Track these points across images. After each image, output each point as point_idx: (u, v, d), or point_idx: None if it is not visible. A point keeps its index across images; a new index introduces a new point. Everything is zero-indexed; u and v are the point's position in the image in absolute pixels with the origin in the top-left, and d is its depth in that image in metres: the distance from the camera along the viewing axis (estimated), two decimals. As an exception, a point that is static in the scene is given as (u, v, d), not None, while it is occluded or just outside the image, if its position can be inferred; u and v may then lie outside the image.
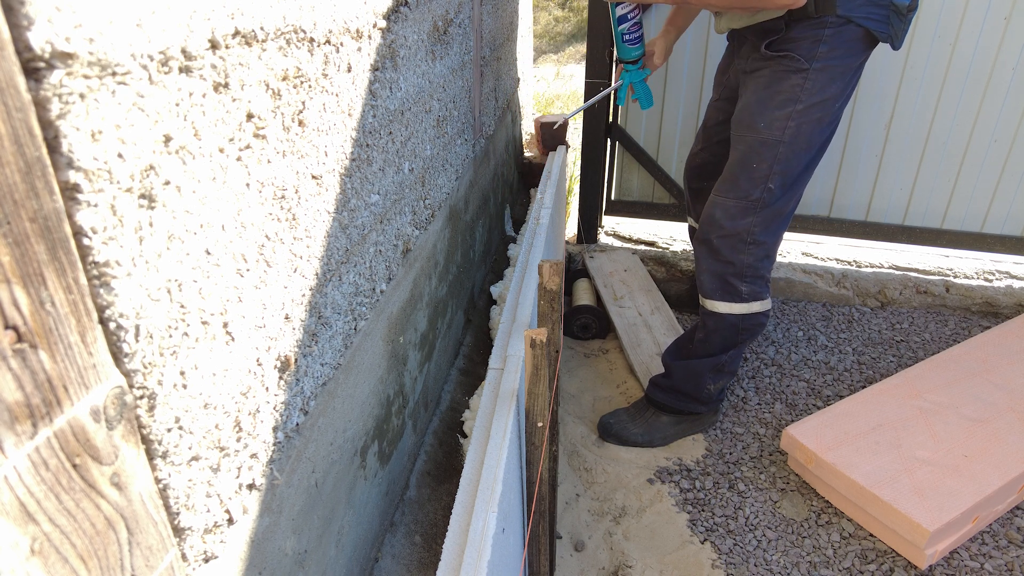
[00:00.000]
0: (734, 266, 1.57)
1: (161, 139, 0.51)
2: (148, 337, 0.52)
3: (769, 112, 1.44)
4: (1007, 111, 2.22)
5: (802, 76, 1.40)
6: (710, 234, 1.57)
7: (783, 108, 1.43)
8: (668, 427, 1.77)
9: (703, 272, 1.62)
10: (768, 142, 1.45)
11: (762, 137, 1.46)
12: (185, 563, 0.61)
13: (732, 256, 1.56)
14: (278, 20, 0.67)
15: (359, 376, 1.01)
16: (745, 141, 1.49)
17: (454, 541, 0.83)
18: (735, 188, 1.51)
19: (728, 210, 1.52)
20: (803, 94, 1.41)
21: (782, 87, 1.43)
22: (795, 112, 1.42)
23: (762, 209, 1.50)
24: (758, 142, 1.46)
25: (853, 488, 1.48)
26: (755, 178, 1.48)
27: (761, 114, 1.45)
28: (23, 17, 0.38)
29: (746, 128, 1.48)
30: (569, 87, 5.44)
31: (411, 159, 1.18)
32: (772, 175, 1.47)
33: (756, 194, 1.49)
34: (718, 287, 1.60)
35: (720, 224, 1.54)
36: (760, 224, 1.52)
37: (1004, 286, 2.34)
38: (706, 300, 1.64)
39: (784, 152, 1.45)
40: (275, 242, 0.71)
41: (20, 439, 0.40)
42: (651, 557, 1.47)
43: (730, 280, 1.58)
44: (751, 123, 1.47)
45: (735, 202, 1.51)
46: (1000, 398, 1.72)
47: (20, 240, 0.39)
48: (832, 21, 1.36)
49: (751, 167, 1.48)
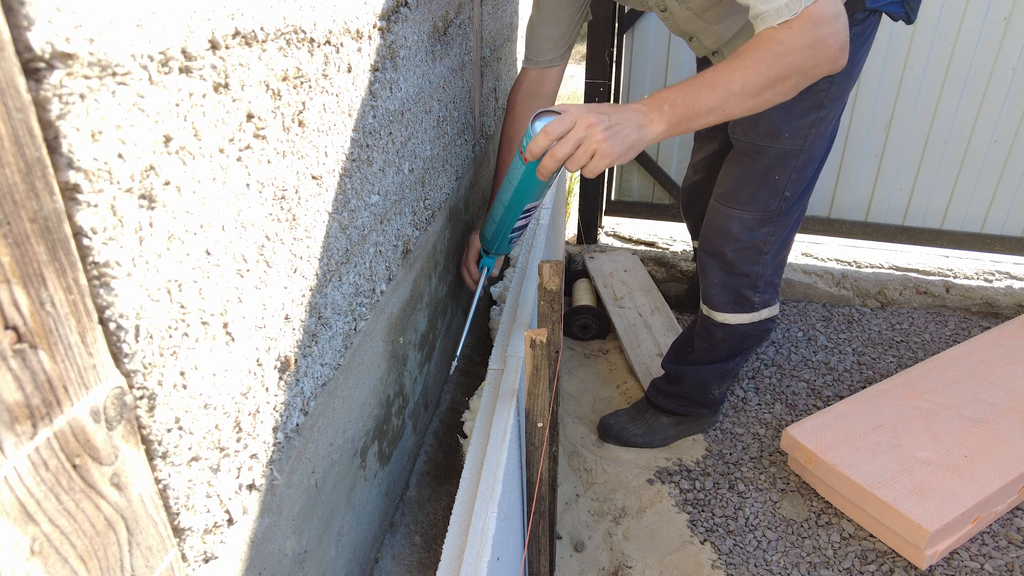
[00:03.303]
0: (749, 278, 1.52)
1: (161, 139, 0.51)
2: (148, 337, 0.52)
3: (793, 121, 1.36)
4: (1007, 111, 2.22)
5: (827, 80, 1.31)
6: (724, 247, 1.50)
7: (806, 116, 1.35)
8: (668, 428, 1.76)
9: (714, 285, 1.56)
10: (791, 152, 1.39)
11: (786, 148, 1.38)
12: (185, 563, 0.61)
13: (748, 268, 1.51)
14: (278, 20, 0.67)
15: (359, 376, 1.01)
16: (767, 153, 1.40)
17: (454, 541, 0.83)
18: (754, 200, 1.45)
19: (746, 223, 1.47)
20: (827, 99, 1.34)
21: (806, 93, 1.29)
22: (818, 119, 1.36)
23: (778, 218, 1.46)
24: (782, 153, 1.39)
25: (853, 488, 1.48)
26: (775, 189, 1.43)
27: (784, 123, 1.36)
28: (23, 17, 0.38)
29: (769, 139, 1.39)
30: (569, 87, 5.44)
31: (411, 159, 1.18)
32: (789, 184, 1.42)
33: (774, 205, 1.44)
34: (730, 300, 1.56)
35: (737, 237, 1.48)
36: (775, 233, 1.48)
37: (1004, 286, 2.34)
38: (715, 312, 1.59)
39: (803, 160, 1.40)
40: (275, 242, 0.71)
41: (20, 439, 0.40)
42: (651, 557, 1.47)
43: (744, 292, 1.54)
44: (775, 133, 1.38)
45: (753, 214, 1.46)
46: (1000, 398, 1.72)
47: (20, 240, 0.39)
48: (859, 17, 1.29)
49: (772, 179, 1.42)
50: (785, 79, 1.01)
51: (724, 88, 1.00)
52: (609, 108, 0.99)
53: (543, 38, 1.46)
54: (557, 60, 1.49)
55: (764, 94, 1.02)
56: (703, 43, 1.45)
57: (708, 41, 1.43)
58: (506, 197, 1.20)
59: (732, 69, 1.00)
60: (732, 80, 1.00)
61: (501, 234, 1.32)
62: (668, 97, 1.01)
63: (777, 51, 0.99)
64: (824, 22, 0.99)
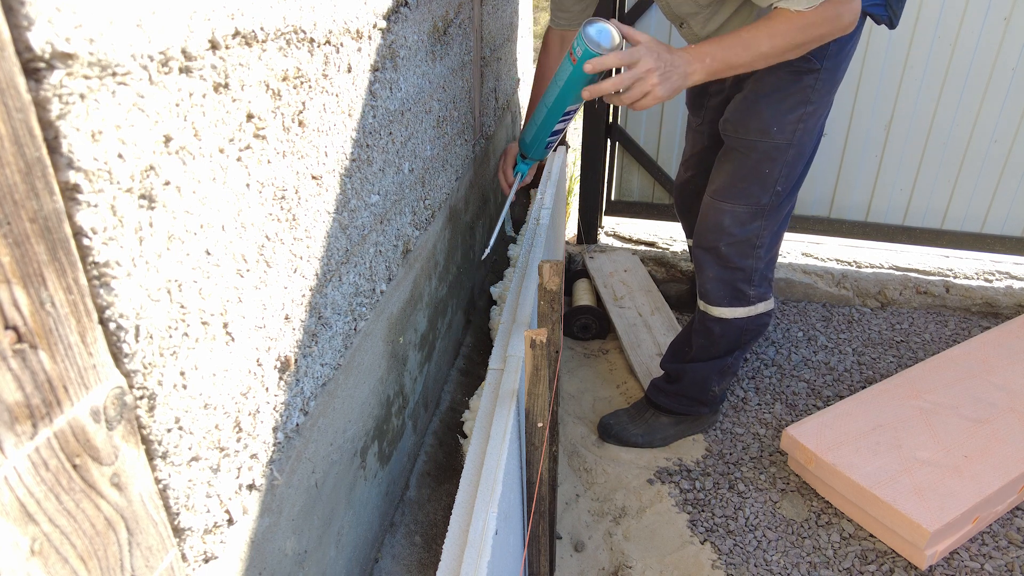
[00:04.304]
0: (744, 271, 1.55)
1: (161, 139, 0.51)
2: (148, 337, 0.52)
3: (781, 116, 1.41)
4: (1007, 111, 2.22)
5: (814, 77, 1.38)
6: (718, 241, 1.54)
7: (794, 111, 1.40)
8: (668, 428, 1.77)
9: (709, 280, 1.59)
10: (780, 147, 1.43)
11: (775, 142, 1.43)
12: (185, 563, 0.61)
13: (742, 262, 1.54)
14: (278, 20, 0.67)
15: (359, 376, 1.01)
16: (757, 148, 1.45)
17: (454, 541, 0.83)
18: (745, 195, 1.49)
19: (738, 217, 1.50)
20: (814, 95, 1.39)
21: (793, 89, 1.40)
22: (805, 114, 1.41)
23: (770, 212, 1.49)
24: (772, 147, 1.44)
25: (853, 488, 1.48)
26: (766, 184, 1.47)
27: (774, 118, 1.42)
28: (23, 17, 0.38)
29: (758, 134, 1.44)
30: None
31: (411, 159, 1.18)
32: (780, 178, 1.46)
33: (766, 199, 1.48)
34: (726, 294, 1.58)
35: (730, 231, 1.51)
36: (768, 227, 1.51)
37: (1004, 286, 2.34)
38: (712, 307, 1.61)
39: (793, 155, 1.44)
40: (275, 242, 0.71)
41: (20, 439, 0.40)
42: (651, 557, 1.47)
43: (739, 286, 1.57)
44: (764, 129, 1.43)
45: (745, 208, 1.49)
46: (1000, 398, 1.72)
47: (20, 240, 0.39)
48: None
49: (763, 173, 1.46)
50: (804, 45, 1.21)
51: (755, 50, 1.19)
52: (666, 53, 1.15)
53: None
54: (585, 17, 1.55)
55: (784, 55, 1.22)
56: (693, 30, 1.49)
57: (697, 27, 1.47)
58: (550, 99, 1.31)
59: (764, 35, 1.19)
60: (762, 44, 1.19)
61: (541, 137, 1.43)
62: (710, 51, 1.19)
63: (802, 23, 1.17)
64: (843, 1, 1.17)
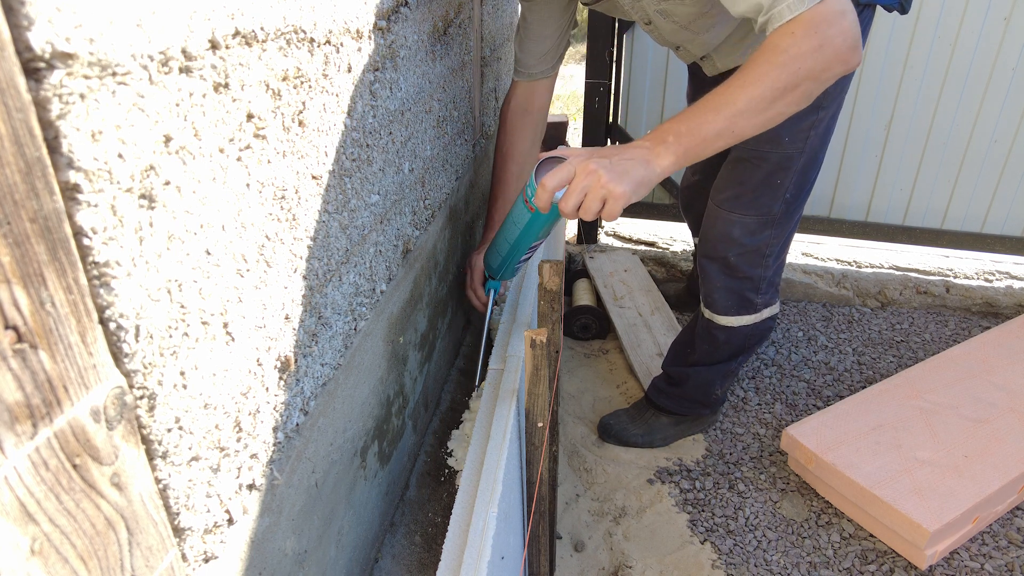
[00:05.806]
0: (752, 280, 1.52)
1: (161, 139, 0.51)
2: (148, 337, 0.52)
3: (793, 125, 1.32)
4: (1007, 111, 2.22)
5: None
6: (726, 252, 1.50)
7: (806, 118, 1.34)
8: (668, 428, 1.76)
9: (716, 290, 1.56)
10: (792, 156, 1.38)
11: (787, 152, 1.38)
12: (185, 563, 0.61)
13: (751, 271, 1.51)
14: (278, 20, 0.67)
15: (359, 376, 1.01)
16: (769, 159, 1.39)
17: (454, 541, 0.83)
18: (756, 205, 1.44)
19: (748, 227, 1.46)
20: (825, 99, 1.31)
21: None
22: (817, 120, 1.35)
23: (781, 221, 1.46)
24: (784, 157, 1.38)
25: (853, 488, 1.48)
26: (777, 193, 1.43)
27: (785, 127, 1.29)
28: (23, 17, 0.38)
29: (770, 144, 1.37)
30: (569, 87, 5.44)
31: (411, 159, 1.18)
32: (790, 187, 1.42)
33: (776, 208, 1.44)
34: (734, 303, 1.56)
35: (739, 241, 1.48)
36: (777, 235, 1.48)
37: (1004, 286, 2.34)
38: (718, 316, 1.59)
39: (804, 163, 1.40)
40: (275, 242, 0.71)
41: (20, 439, 0.40)
42: (651, 557, 1.47)
43: (747, 295, 1.54)
44: (776, 139, 1.36)
45: (755, 218, 1.45)
46: (1000, 398, 1.72)
47: (20, 240, 0.39)
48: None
49: (774, 183, 1.41)
50: (795, 88, 0.93)
51: (729, 109, 0.93)
52: (610, 150, 0.95)
53: (530, 54, 1.46)
54: (547, 72, 1.49)
55: (774, 107, 0.94)
56: (690, 51, 1.45)
57: (695, 49, 1.43)
58: (512, 237, 1.20)
59: (735, 87, 0.94)
60: (736, 99, 0.93)
61: (508, 265, 1.33)
62: (671, 128, 0.96)
63: (781, 60, 0.92)
64: (828, 22, 0.91)
